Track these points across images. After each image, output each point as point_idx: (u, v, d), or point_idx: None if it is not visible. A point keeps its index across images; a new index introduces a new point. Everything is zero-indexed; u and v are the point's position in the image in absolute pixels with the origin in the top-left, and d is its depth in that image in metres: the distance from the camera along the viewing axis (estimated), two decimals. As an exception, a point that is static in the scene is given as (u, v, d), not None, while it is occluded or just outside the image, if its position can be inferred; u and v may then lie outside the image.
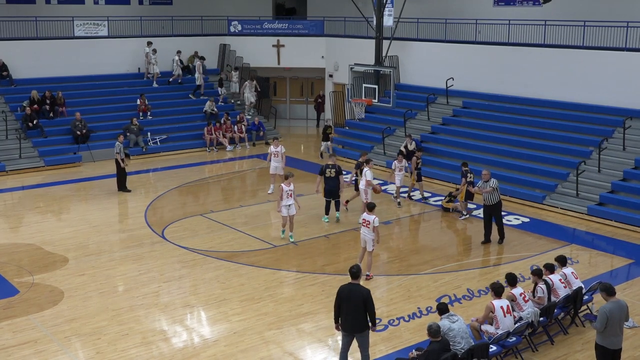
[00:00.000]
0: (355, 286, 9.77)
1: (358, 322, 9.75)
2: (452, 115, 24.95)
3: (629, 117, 20.29)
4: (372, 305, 9.73)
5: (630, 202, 17.85)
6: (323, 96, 31.98)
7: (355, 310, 9.68)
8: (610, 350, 9.43)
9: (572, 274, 12.05)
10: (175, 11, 31.68)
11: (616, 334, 9.44)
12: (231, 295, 13.11)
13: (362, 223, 13.83)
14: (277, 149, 20.11)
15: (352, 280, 9.83)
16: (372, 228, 13.52)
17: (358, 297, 9.66)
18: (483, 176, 16.07)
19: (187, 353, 10.94)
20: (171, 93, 29.37)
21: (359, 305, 9.66)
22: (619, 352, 9.56)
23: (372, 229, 13.53)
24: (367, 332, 9.89)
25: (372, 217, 13.58)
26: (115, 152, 20.32)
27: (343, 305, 9.74)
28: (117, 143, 20.39)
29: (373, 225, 13.51)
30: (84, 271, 14.25)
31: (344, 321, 9.81)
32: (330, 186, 17.51)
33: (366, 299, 9.66)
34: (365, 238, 13.71)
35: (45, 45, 27.35)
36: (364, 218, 13.78)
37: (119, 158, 20.17)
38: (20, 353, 10.87)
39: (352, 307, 9.68)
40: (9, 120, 24.33)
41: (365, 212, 14.13)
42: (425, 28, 27.35)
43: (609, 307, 9.33)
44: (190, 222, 17.62)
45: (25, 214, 18.64)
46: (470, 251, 15.99)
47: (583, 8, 23.29)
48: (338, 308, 9.81)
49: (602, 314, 9.30)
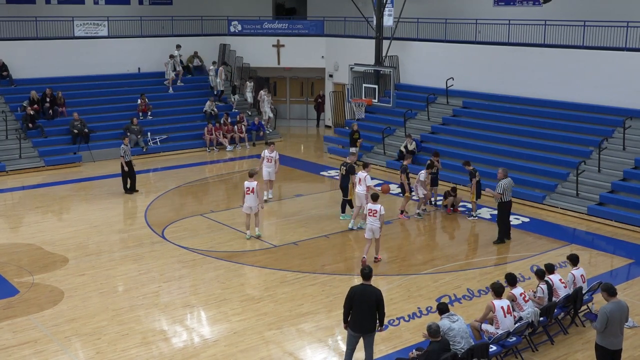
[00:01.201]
0: (368, 287, 9.82)
1: (368, 322, 9.78)
2: (452, 115, 24.94)
3: (629, 117, 20.29)
4: (383, 306, 9.84)
5: (630, 202, 17.85)
6: (323, 96, 31.99)
7: (368, 310, 9.72)
8: (610, 351, 9.43)
9: (582, 276, 11.99)
10: (175, 11, 31.67)
11: (616, 335, 9.43)
12: (231, 295, 13.11)
13: (370, 213, 14.41)
14: (271, 154, 19.40)
15: (364, 281, 9.87)
16: (380, 216, 14.28)
17: (371, 297, 9.70)
18: (498, 175, 16.33)
19: (187, 353, 10.94)
20: (171, 93, 29.36)
21: (372, 305, 9.71)
22: (619, 352, 9.56)
23: (379, 218, 14.29)
24: (375, 332, 9.95)
25: (378, 206, 14.37)
26: (120, 155, 20.27)
27: (355, 305, 9.73)
28: (122, 145, 20.30)
29: (380, 214, 14.28)
30: (84, 271, 14.25)
31: (355, 321, 9.80)
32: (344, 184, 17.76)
33: (379, 300, 9.74)
34: (373, 227, 14.40)
35: (45, 45, 27.35)
36: (370, 208, 14.47)
37: (123, 161, 20.11)
38: (20, 353, 10.87)
39: (366, 307, 9.71)
40: (9, 120, 24.33)
41: (370, 202, 14.66)
42: (425, 28, 27.36)
43: (610, 308, 9.32)
44: (190, 222, 17.62)
45: (25, 214, 18.64)
46: (470, 251, 15.99)
47: (583, 8, 23.29)
48: (349, 308, 9.81)
49: (602, 314, 9.30)
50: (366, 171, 17.00)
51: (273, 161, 19.36)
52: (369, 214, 14.48)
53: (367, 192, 16.80)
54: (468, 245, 16.37)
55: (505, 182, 15.90)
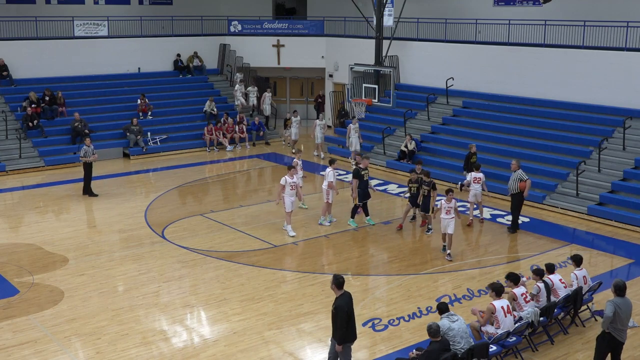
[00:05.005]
0: (348, 294, 9.56)
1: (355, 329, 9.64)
2: (452, 115, 24.95)
3: (629, 117, 20.29)
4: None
5: (630, 202, 17.85)
6: (323, 96, 31.99)
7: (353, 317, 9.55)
8: (616, 341, 9.40)
9: (584, 277, 12.02)
10: (175, 11, 31.67)
11: (624, 326, 9.43)
12: (231, 295, 13.11)
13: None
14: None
15: (343, 290, 9.52)
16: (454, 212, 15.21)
17: (352, 303, 9.50)
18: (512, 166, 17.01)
19: (187, 353, 10.94)
20: (171, 93, 29.39)
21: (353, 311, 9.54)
22: (622, 346, 9.54)
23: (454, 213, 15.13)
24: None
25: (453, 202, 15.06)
26: (80, 156, 20.13)
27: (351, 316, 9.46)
28: (84, 147, 20.01)
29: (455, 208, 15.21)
30: (84, 271, 14.26)
31: (350, 332, 9.52)
32: (365, 189, 17.27)
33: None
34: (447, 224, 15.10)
35: (45, 45, 27.35)
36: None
37: (84, 162, 19.91)
38: (20, 353, 10.87)
39: (353, 315, 9.53)
40: (9, 120, 24.33)
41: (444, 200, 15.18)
42: (425, 28, 27.37)
43: (618, 301, 9.34)
44: (190, 222, 17.62)
45: (25, 214, 18.64)
46: (470, 251, 15.97)
47: (583, 8, 23.30)
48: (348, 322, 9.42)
49: (610, 303, 9.33)
50: (332, 167, 17.29)
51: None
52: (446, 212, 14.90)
53: (328, 187, 17.01)
54: (468, 245, 16.36)
55: (521, 173, 16.63)
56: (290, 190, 16.28)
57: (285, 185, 16.27)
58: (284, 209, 16.48)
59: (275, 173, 23.77)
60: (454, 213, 15.02)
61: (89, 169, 20.01)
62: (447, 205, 14.99)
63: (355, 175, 17.01)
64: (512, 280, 11.10)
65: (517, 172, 16.75)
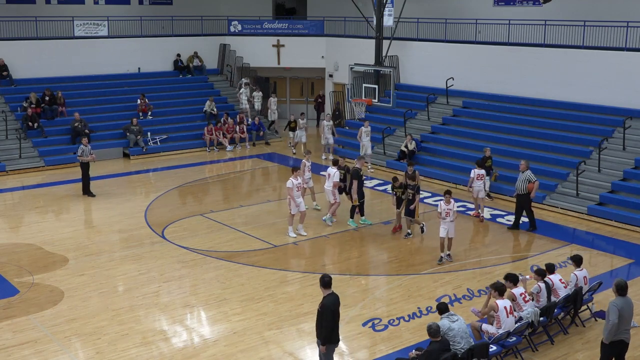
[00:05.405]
0: (336, 294, 9.41)
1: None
2: (452, 115, 24.95)
3: (629, 117, 20.29)
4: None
5: (630, 202, 17.85)
6: (323, 96, 31.99)
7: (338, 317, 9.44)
8: (624, 343, 9.37)
9: (585, 278, 12.01)
10: (175, 11, 31.67)
11: (627, 326, 9.41)
12: (231, 295, 13.11)
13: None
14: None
15: (331, 289, 9.34)
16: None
17: (338, 304, 9.39)
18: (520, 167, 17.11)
19: (187, 353, 10.94)
20: (171, 93, 29.39)
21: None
22: (627, 347, 9.53)
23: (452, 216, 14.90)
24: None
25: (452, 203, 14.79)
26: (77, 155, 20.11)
27: (337, 316, 9.34)
28: (81, 146, 20.04)
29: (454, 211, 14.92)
30: (84, 271, 14.25)
31: (336, 333, 9.39)
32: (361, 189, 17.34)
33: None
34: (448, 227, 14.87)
35: (45, 45, 27.35)
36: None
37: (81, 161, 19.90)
38: (20, 353, 10.87)
39: (338, 316, 9.41)
40: (9, 120, 24.33)
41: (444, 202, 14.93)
42: (425, 28, 27.36)
43: (619, 302, 9.29)
44: (190, 222, 17.62)
45: (25, 214, 18.64)
46: (470, 251, 15.97)
47: (583, 8, 23.30)
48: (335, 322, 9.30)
49: (612, 307, 9.24)
50: (335, 168, 17.20)
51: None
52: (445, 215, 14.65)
53: (333, 188, 16.90)
54: (468, 245, 16.35)
55: (530, 174, 16.83)
56: (296, 192, 16.21)
57: (292, 187, 16.16)
58: (289, 210, 16.41)
59: (276, 173, 23.82)
60: (453, 216, 14.78)
61: (86, 168, 20.01)
62: (447, 207, 14.77)
63: (356, 177, 16.99)
64: (511, 280, 11.09)
65: (525, 173, 16.79)
